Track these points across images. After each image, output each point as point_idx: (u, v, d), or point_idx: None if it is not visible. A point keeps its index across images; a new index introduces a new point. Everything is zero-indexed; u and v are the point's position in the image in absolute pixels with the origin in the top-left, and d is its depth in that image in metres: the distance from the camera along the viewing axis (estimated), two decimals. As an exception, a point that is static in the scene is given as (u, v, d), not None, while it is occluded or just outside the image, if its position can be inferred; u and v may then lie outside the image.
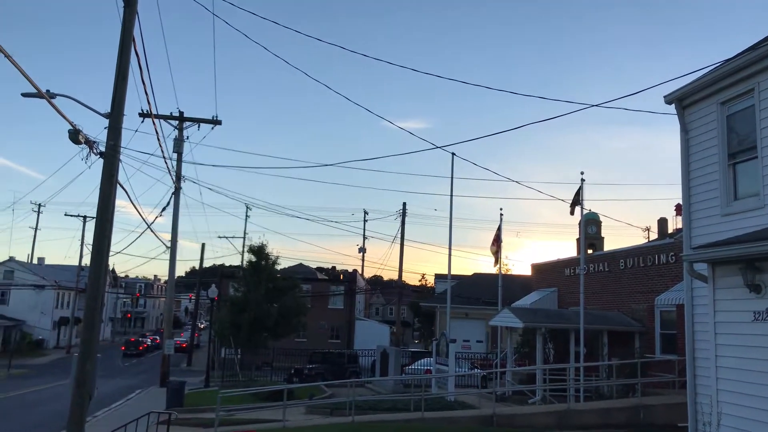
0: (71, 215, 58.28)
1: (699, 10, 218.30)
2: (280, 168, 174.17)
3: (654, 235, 40.78)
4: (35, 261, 71.37)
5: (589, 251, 32.01)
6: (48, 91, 13.17)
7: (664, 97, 12.38)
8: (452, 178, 24.81)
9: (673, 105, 12.28)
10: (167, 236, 30.72)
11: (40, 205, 63.53)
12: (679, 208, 27.68)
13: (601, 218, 36.42)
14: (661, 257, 22.96)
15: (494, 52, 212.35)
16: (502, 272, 31.60)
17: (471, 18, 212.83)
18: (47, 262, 77.17)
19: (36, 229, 65.77)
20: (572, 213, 21.62)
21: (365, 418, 17.38)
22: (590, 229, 33.68)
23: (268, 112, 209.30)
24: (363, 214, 58.21)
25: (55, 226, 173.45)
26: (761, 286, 8.66)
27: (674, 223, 33.85)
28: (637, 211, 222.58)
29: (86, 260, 54.35)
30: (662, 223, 37.42)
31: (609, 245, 34.38)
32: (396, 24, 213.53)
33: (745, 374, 9.00)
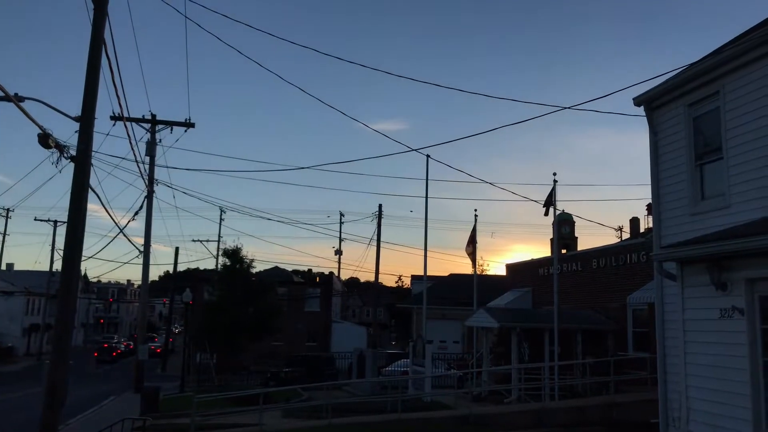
0: (41, 220, 57.09)
1: (671, 9, 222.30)
2: (254, 171, 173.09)
3: (627, 235, 41.39)
4: (4, 267, 69.88)
5: (563, 251, 32.37)
6: (16, 94, 12.97)
7: (633, 99, 12.60)
8: (427, 180, 25.01)
9: (642, 107, 12.51)
10: (140, 240, 30.41)
11: (8, 210, 62.14)
12: (650, 208, 28.12)
13: (575, 218, 36.85)
14: (633, 256, 23.33)
15: (468, 56, 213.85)
16: (478, 272, 31.82)
17: (446, 22, 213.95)
18: (17, 267, 75.65)
19: (4, 234, 64.34)
20: (546, 214, 21.89)
21: (342, 421, 17.39)
22: (564, 229, 34.05)
23: (240, 115, 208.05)
24: (339, 216, 58.21)
25: (24, 231, 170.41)
26: (727, 284, 8.88)
27: (646, 223, 34.39)
28: (610, 210, 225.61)
29: (57, 265, 53.44)
30: (634, 222, 37.99)
31: (583, 245, 34.91)
32: (372, 27, 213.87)
33: (712, 370, 9.22)
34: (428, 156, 24.70)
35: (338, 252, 58.50)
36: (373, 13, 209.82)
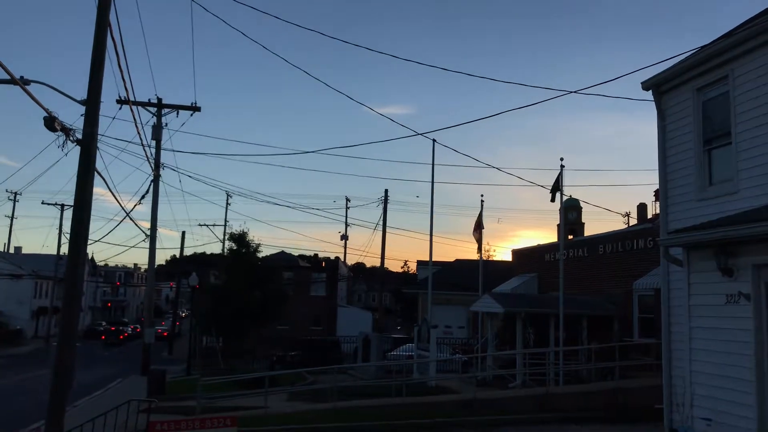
0: (48, 203, 57.20)
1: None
2: (260, 155, 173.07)
3: (634, 221, 41.26)
4: (12, 250, 70.37)
5: (570, 237, 32.29)
6: (22, 77, 12.93)
7: (642, 83, 12.49)
8: (433, 164, 24.88)
9: (650, 91, 12.39)
10: (147, 224, 30.49)
11: (16, 193, 62.40)
12: (658, 194, 28.00)
13: (582, 204, 36.75)
14: (640, 242, 23.24)
15: (475, 39, 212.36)
16: (484, 258, 31.79)
17: (450, 6, 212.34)
18: (25, 251, 76.16)
19: (12, 217, 64.63)
20: (553, 200, 21.81)
21: (347, 404, 17.48)
22: (570, 214, 33.94)
23: (247, 98, 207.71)
24: (345, 201, 58.13)
25: (32, 215, 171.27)
26: (733, 270, 8.83)
27: (653, 209, 34.19)
28: (618, 196, 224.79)
29: (64, 249, 53.63)
30: (642, 208, 37.80)
31: (589, 231, 34.69)
32: (378, 11, 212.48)
33: (716, 356, 9.20)
34: (434, 140, 24.59)
35: (344, 237, 58.43)
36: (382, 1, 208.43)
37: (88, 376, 29.09)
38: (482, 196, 29.63)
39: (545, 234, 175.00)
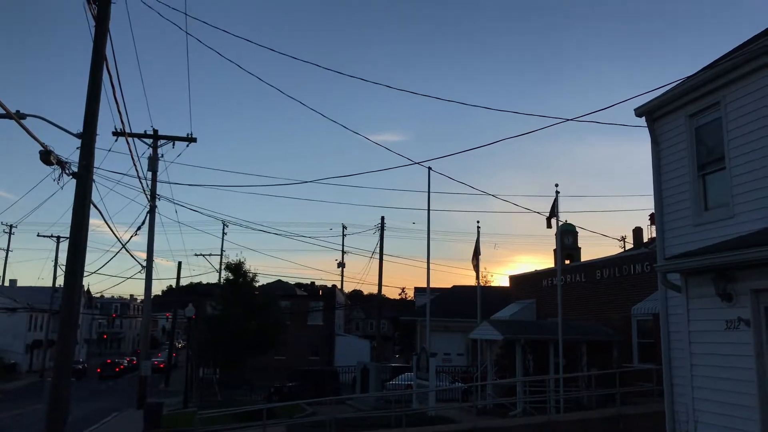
0: (44, 236, 57.14)
1: (672, 20, 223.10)
2: (255, 186, 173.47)
3: (630, 245, 41.29)
4: (7, 283, 69.95)
5: (567, 261, 32.27)
6: (18, 111, 13.01)
7: (635, 110, 12.59)
8: (429, 192, 24.95)
9: (643, 118, 12.49)
10: (143, 255, 30.40)
11: (12, 226, 62.38)
12: (653, 218, 28.09)
13: (578, 229, 36.79)
14: (637, 267, 23.23)
15: (469, 64, 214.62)
16: (482, 284, 31.69)
17: (444, 32, 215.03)
18: (20, 284, 75.66)
19: (8, 250, 64.63)
20: (549, 226, 21.83)
21: (346, 436, 17.26)
22: (566, 239, 33.98)
23: (242, 129, 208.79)
24: (341, 228, 58.15)
25: (27, 248, 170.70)
26: (732, 295, 8.79)
27: (649, 233, 34.33)
28: (614, 220, 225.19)
29: (60, 281, 53.43)
30: (637, 232, 37.90)
31: (586, 255, 34.78)
32: (371, 39, 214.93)
33: (719, 382, 9.11)
34: (430, 168, 24.60)
35: (341, 264, 58.40)
36: (376, 25, 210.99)
37: (84, 410, 28.69)
38: (478, 222, 29.79)
39: (542, 259, 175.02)
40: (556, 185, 21.70)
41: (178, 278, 49.48)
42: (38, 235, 57.54)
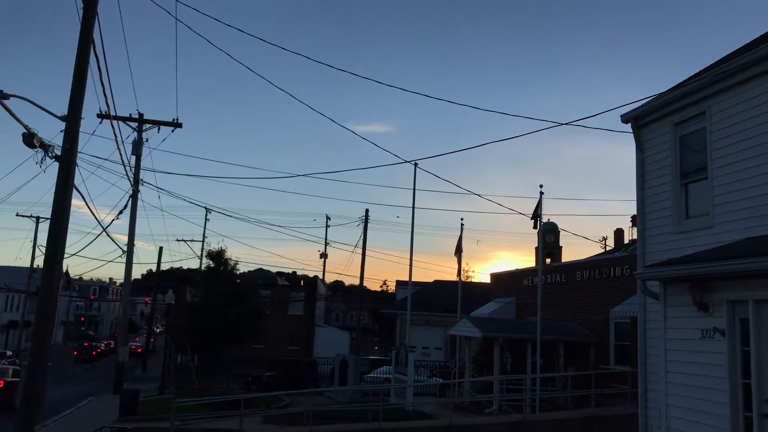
0: (23, 216, 56.12)
1: (660, 26, 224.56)
2: (240, 178, 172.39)
3: (611, 245, 41.66)
4: (-16, 263, 69.05)
5: (548, 260, 32.49)
6: (1, 91, 12.81)
7: (621, 116, 12.69)
8: (414, 189, 24.98)
9: (629, 124, 12.60)
10: (124, 238, 30.18)
11: (-9, 204, 61.46)
12: (635, 220, 28.36)
13: (560, 229, 37.04)
14: (616, 270, 23.45)
15: (457, 64, 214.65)
16: (463, 280, 31.84)
17: (435, 30, 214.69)
18: (-3, 263, 74.78)
19: (-14, 229, 63.54)
20: (535, 227, 22.03)
21: (323, 429, 17.31)
22: (548, 238, 34.19)
23: (229, 117, 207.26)
24: (325, 219, 57.93)
25: (5, 227, 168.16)
26: (709, 305, 8.93)
27: (630, 234, 34.65)
28: (596, 219, 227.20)
29: (39, 262, 52.72)
30: (619, 234, 38.30)
31: (567, 254, 35.14)
32: (364, 33, 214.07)
33: (692, 390, 9.26)
34: (416, 165, 24.66)
35: (323, 255, 58.17)
36: (367, 20, 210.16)
37: (58, 394, 28.44)
38: (462, 219, 29.83)
39: (523, 256, 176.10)
40: (541, 186, 21.80)
41: (159, 263, 49.14)
42: (17, 215, 56.51)
